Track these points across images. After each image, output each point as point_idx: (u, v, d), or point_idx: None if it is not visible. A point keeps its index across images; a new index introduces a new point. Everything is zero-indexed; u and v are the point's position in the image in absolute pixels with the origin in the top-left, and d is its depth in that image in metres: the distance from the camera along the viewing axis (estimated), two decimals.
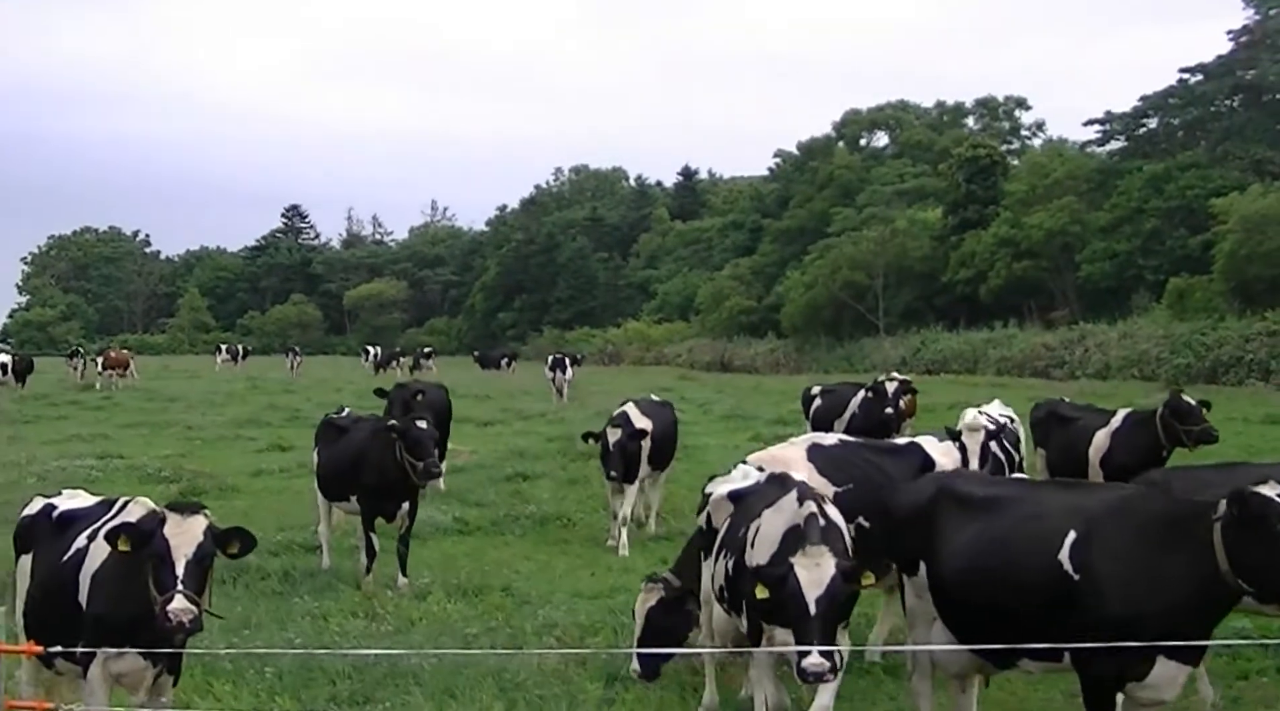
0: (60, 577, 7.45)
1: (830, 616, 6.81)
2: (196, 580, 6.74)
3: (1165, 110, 65.47)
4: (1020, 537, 7.07)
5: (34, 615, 7.84)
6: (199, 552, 6.79)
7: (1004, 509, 7.31)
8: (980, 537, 7.25)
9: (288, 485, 22.97)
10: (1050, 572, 6.80)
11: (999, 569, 7.06)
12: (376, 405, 20.64)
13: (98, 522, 7.51)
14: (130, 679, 7.25)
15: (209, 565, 6.95)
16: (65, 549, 7.56)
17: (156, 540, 6.79)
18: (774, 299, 78.54)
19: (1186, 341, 46.07)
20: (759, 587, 6.98)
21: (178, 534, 6.80)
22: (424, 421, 13.72)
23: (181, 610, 6.56)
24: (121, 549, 6.93)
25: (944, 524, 7.53)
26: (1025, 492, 7.57)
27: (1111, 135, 67.98)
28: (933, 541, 7.54)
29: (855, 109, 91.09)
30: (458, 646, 10.37)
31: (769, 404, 41.40)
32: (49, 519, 7.97)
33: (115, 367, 53.13)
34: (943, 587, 7.46)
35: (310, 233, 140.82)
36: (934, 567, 7.54)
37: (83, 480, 22.84)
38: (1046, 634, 6.74)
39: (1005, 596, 7.00)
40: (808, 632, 6.68)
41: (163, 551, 6.76)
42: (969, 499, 7.57)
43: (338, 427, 14.64)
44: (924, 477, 9.03)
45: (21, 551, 8.17)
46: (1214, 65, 62.78)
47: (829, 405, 21.17)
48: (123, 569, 7.04)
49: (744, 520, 7.94)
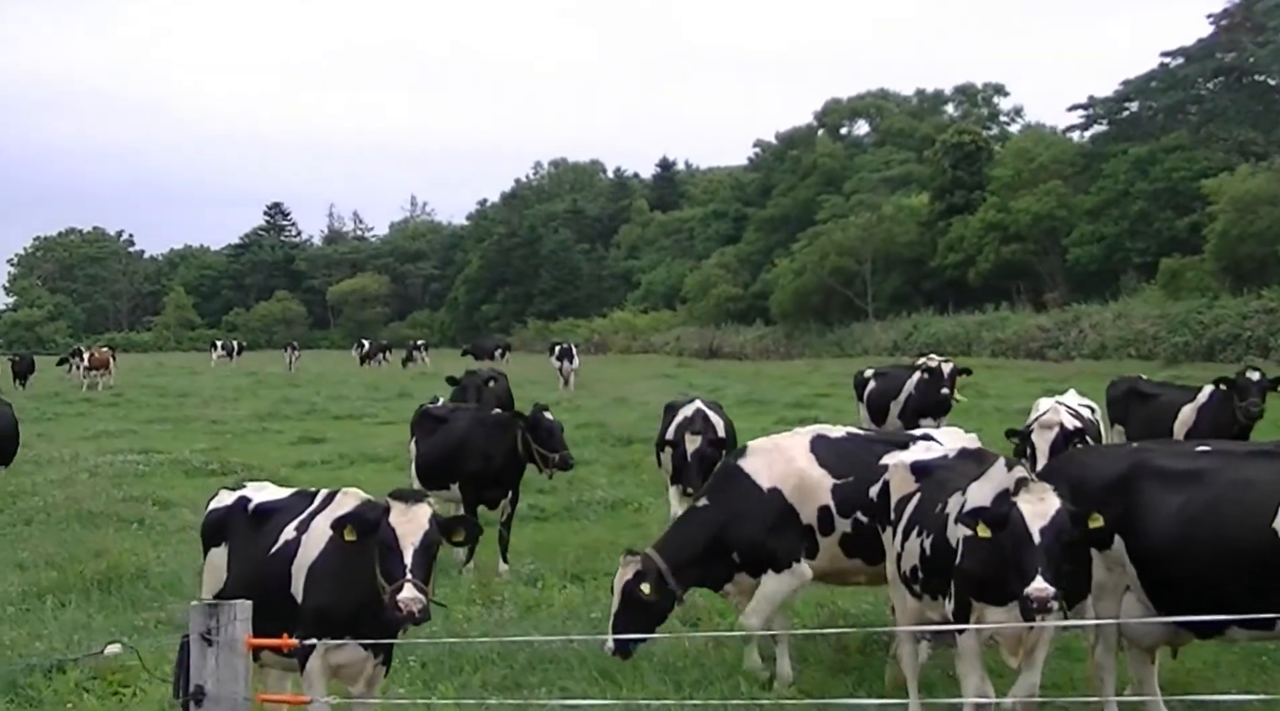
0: (267, 570, 7.42)
1: (1054, 551, 6.53)
2: (424, 568, 6.66)
3: (1147, 94, 66.27)
4: (1231, 507, 7.02)
5: None
6: (425, 540, 6.71)
7: (1209, 479, 7.25)
8: (1187, 509, 7.18)
9: (337, 476, 23.19)
10: (1265, 541, 6.78)
11: (1209, 540, 7.01)
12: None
13: (303, 514, 7.55)
14: (350, 670, 7.24)
15: (435, 553, 6.88)
16: (271, 541, 7.54)
17: (383, 529, 6.74)
18: (761, 286, 79.14)
19: (1183, 320, 47.01)
20: (980, 527, 6.77)
21: (404, 522, 6.73)
22: (548, 412, 14.00)
23: (411, 599, 6.48)
24: (348, 538, 6.95)
25: (1144, 497, 7.41)
26: (1228, 462, 7.42)
27: (1094, 120, 68.77)
28: (1133, 514, 7.37)
29: (836, 98, 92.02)
30: (586, 631, 10.28)
31: (778, 388, 42.00)
32: (244, 511, 7.95)
33: (98, 367, 52.08)
34: (1147, 560, 7.36)
35: (292, 230, 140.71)
36: (1135, 541, 7.41)
37: (133, 475, 23.21)
38: (1257, 603, 6.74)
39: (1216, 567, 6.96)
40: (1031, 561, 6.46)
41: (390, 540, 6.69)
42: (1169, 471, 7.47)
43: (435, 417, 14.90)
44: (1115, 450, 9.00)
45: (212, 544, 8.18)
46: (1195, 48, 63.67)
47: (884, 387, 21.39)
48: (343, 559, 7.05)
49: (940, 495, 7.69)
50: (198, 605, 5.34)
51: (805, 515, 9.32)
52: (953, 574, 7.27)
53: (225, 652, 5.26)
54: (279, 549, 7.48)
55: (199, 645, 5.29)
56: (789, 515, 9.32)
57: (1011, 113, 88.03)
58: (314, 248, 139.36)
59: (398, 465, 24.58)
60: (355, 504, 7.35)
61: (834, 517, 9.28)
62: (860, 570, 9.51)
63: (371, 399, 41.74)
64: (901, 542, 8.00)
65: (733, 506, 9.43)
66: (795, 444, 9.66)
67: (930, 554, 7.60)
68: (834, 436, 9.80)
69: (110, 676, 9.61)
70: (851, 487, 9.18)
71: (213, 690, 5.21)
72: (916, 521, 7.86)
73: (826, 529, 9.31)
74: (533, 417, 13.81)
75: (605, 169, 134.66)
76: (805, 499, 9.32)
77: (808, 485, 9.34)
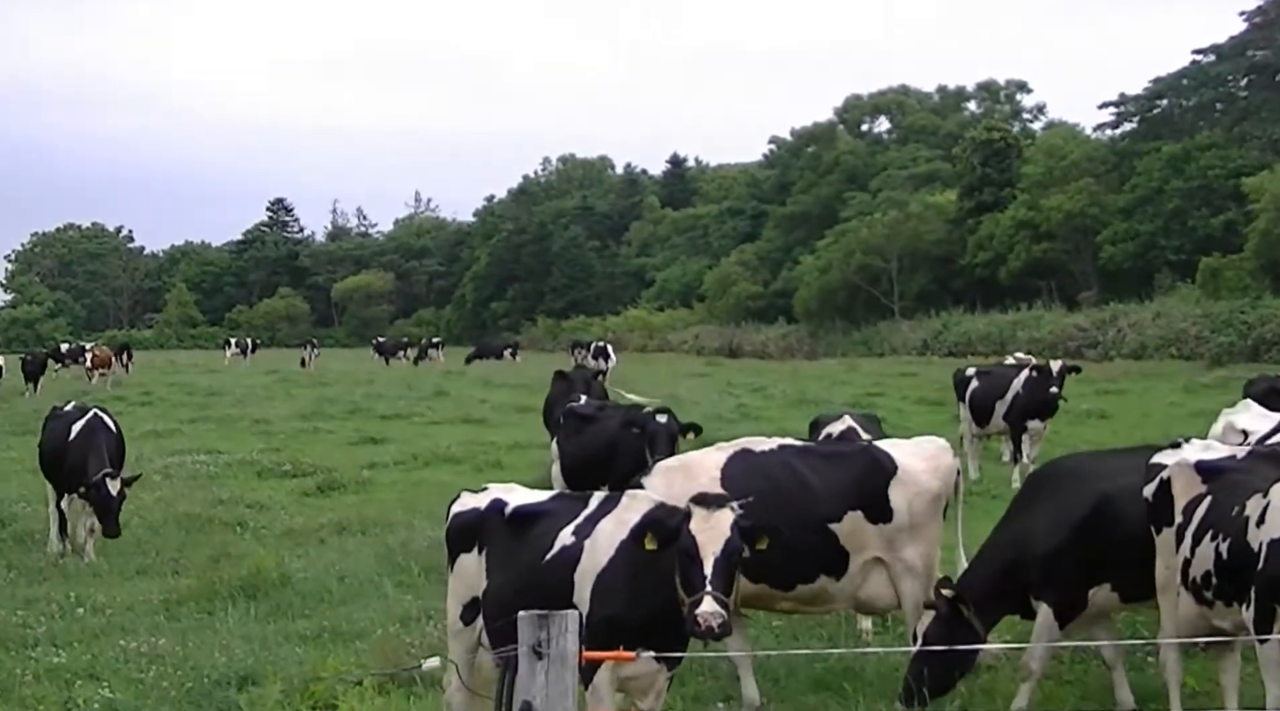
0: (542, 577, 7.06)
1: None
2: (725, 579, 6.27)
3: (1178, 91, 65.76)
4: None
5: (497, 616, 7.50)
6: (727, 549, 6.31)
7: None
8: None
9: (417, 476, 22.63)
10: None
11: None
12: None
13: (578, 518, 7.18)
14: (640, 682, 6.91)
15: (737, 562, 6.46)
16: (544, 547, 7.17)
17: (683, 536, 6.34)
18: (782, 284, 78.65)
19: (1227, 320, 46.39)
20: None
21: (705, 529, 6.34)
22: (663, 414, 13.47)
23: (711, 613, 6.12)
24: (648, 547, 6.52)
25: None
26: None
27: (1125, 117, 68.21)
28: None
29: (857, 94, 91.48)
30: (774, 644, 10.00)
31: (823, 388, 41.29)
32: (500, 514, 7.58)
33: (101, 366, 50.43)
34: None
35: (295, 226, 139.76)
36: None
37: (205, 477, 22.54)
38: None
39: None
40: None
41: (690, 548, 6.31)
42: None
43: (581, 416, 14.28)
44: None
45: (462, 550, 7.78)
46: (1227, 45, 63.16)
47: (987, 387, 20.79)
48: (635, 567, 6.69)
49: (1237, 497, 7.28)
50: (527, 616, 4.98)
51: None
52: (1255, 579, 6.86)
53: (556, 667, 4.97)
54: (556, 555, 7.10)
55: (528, 658, 4.97)
56: None
57: (1034, 110, 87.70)
58: (317, 244, 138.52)
59: (474, 465, 24.00)
60: (649, 507, 6.93)
61: None
62: (772, 595, 8.97)
63: (411, 398, 40.98)
64: (1191, 548, 7.54)
65: None
66: (707, 461, 9.03)
67: (1227, 559, 7.20)
68: (757, 451, 9.11)
69: (312, 691, 8.96)
70: (749, 508, 8.49)
71: (540, 706, 4.93)
72: (1210, 525, 7.42)
73: None
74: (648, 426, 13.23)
75: (614, 165, 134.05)
76: None
77: None
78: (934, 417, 30.39)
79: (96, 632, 11.18)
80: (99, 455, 14.54)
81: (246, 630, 11.13)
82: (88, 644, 10.75)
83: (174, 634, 10.99)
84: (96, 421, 15.15)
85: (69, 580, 13.26)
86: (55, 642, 10.76)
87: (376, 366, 67.83)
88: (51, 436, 15.43)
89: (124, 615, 11.84)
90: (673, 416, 13.63)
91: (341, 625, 11.31)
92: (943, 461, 9.17)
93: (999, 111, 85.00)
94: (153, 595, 12.62)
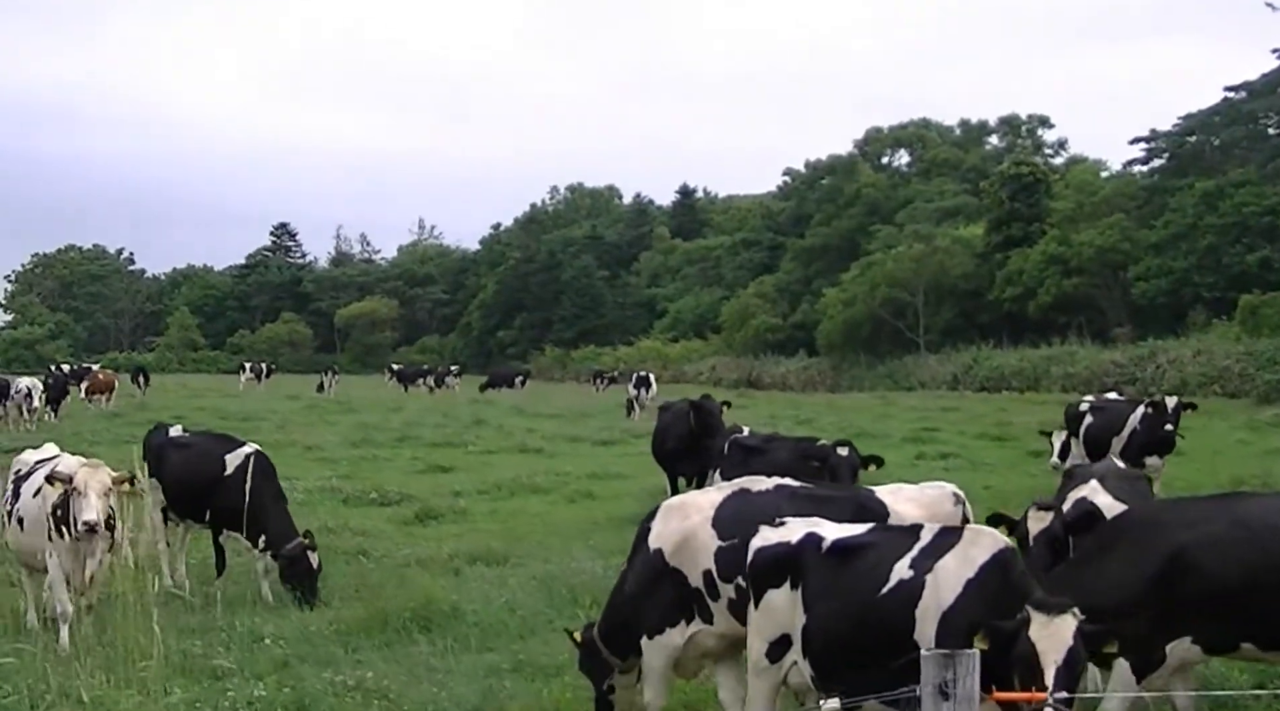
0: (879, 613, 6.88)
1: None
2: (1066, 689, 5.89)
3: (1209, 128, 65.56)
4: None
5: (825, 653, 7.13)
6: (1070, 658, 5.94)
7: None
8: None
9: (515, 507, 21.99)
10: None
11: None
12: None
13: (912, 551, 6.94)
14: None
15: (1082, 671, 6.19)
16: (877, 582, 6.94)
17: (1020, 643, 5.97)
18: (801, 316, 78.19)
19: (1272, 356, 45.86)
20: None
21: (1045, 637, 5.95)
22: (844, 447, 12.90)
23: None
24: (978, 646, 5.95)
25: None
26: None
27: (1155, 153, 68.00)
28: None
29: (877, 127, 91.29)
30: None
31: (870, 420, 40.65)
32: (818, 548, 7.35)
33: (102, 391, 48.12)
34: None
35: (298, 251, 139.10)
36: None
37: (293, 504, 21.77)
38: None
39: None
40: None
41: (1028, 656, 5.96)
42: None
43: (747, 448, 13.69)
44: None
45: (771, 586, 7.54)
46: (1259, 83, 62.98)
47: (1103, 422, 20.17)
48: (986, 604, 6.43)
49: None
50: (930, 654, 5.04)
51: (692, 579, 8.55)
52: None
53: (963, 707, 5.02)
54: (892, 590, 6.91)
55: (933, 698, 5.01)
56: (671, 578, 8.61)
57: (1055, 145, 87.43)
58: (321, 269, 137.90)
59: (565, 496, 23.48)
60: (996, 546, 6.75)
61: (716, 582, 8.44)
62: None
63: (454, 426, 40.22)
64: None
65: (632, 565, 8.98)
66: (703, 501, 8.92)
67: None
68: (755, 491, 8.92)
69: None
70: (733, 552, 8.26)
71: None
72: None
73: (713, 594, 8.50)
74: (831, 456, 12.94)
75: (622, 195, 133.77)
76: (689, 561, 8.54)
77: (693, 547, 8.56)
78: (1006, 453, 29.73)
79: (283, 663, 10.59)
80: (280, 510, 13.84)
81: (445, 662, 10.61)
82: (279, 675, 10.13)
83: (369, 665, 10.38)
84: (264, 463, 14.25)
85: (230, 608, 12.53)
86: (247, 674, 10.09)
87: (395, 393, 67.19)
88: (189, 467, 14.53)
89: (301, 645, 11.18)
90: (854, 449, 13.07)
91: (539, 659, 10.77)
92: (941, 509, 8.82)
93: (1021, 146, 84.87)
94: (322, 625, 11.97)
